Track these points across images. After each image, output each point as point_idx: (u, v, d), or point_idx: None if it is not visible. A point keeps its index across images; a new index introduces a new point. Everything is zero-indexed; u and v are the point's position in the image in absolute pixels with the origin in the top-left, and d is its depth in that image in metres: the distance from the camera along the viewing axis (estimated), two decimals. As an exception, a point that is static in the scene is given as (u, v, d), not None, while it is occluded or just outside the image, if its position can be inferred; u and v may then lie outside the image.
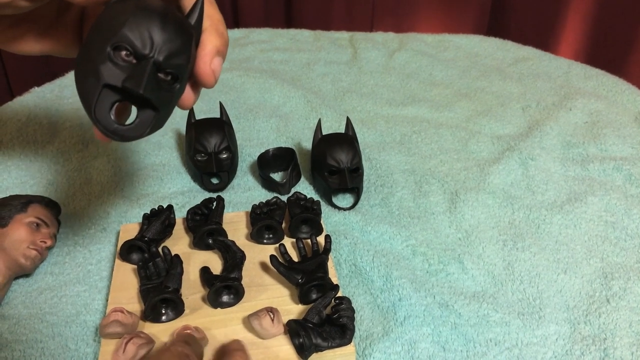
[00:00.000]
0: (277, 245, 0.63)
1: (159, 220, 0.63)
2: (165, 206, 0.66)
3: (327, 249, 0.60)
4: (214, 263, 0.61)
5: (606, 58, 1.52)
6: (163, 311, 0.55)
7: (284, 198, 0.72)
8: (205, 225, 0.62)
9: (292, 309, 0.56)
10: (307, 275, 0.56)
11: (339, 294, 0.56)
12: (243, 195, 0.74)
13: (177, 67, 0.37)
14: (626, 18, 1.50)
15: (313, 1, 1.58)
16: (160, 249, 0.61)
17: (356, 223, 0.68)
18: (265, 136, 0.87)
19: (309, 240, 0.62)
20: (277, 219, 0.64)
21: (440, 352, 0.54)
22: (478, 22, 1.62)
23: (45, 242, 0.61)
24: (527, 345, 0.54)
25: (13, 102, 0.93)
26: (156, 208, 0.66)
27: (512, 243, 0.66)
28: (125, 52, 0.36)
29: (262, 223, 0.63)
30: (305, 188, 0.76)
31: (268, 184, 0.75)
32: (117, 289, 0.58)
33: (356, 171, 0.72)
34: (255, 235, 0.64)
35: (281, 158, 0.78)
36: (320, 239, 0.63)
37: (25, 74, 1.57)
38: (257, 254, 0.62)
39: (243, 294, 0.57)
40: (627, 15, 1.50)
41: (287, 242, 0.64)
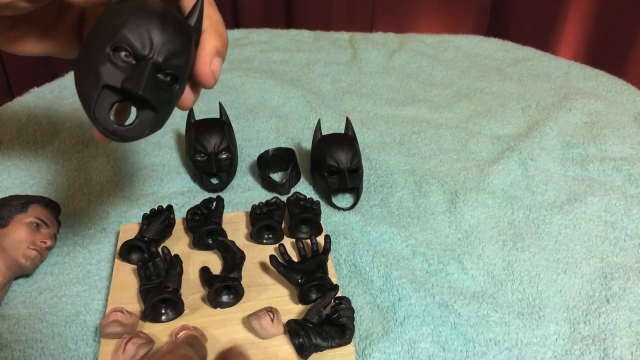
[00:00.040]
0: (277, 245, 0.63)
1: (159, 220, 0.63)
2: (165, 206, 0.66)
3: (327, 249, 0.60)
4: (214, 263, 0.61)
5: (606, 58, 1.52)
6: (163, 311, 0.55)
7: (284, 198, 0.72)
8: (205, 225, 0.62)
9: (292, 309, 0.56)
10: (307, 275, 0.56)
11: (339, 294, 0.56)
12: (243, 195, 0.74)
13: (177, 68, 0.37)
14: (626, 18, 1.50)
15: (313, 1, 1.58)
16: (160, 249, 0.61)
17: (356, 223, 0.68)
18: (265, 136, 0.87)
19: (309, 240, 0.62)
20: (277, 219, 0.64)
21: (440, 352, 0.54)
22: (478, 23, 1.62)
23: (45, 242, 0.61)
24: (527, 345, 0.54)
25: (13, 103, 0.93)
26: (156, 208, 0.66)
27: (512, 243, 0.66)
28: (124, 53, 0.36)
29: (262, 223, 0.63)
30: (305, 188, 0.76)
31: (268, 184, 0.75)
32: (117, 289, 0.58)
33: (356, 171, 0.72)
34: (255, 235, 0.64)
35: (281, 158, 0.78)
36: (319, 239, 0.63)
37: (25, 75, 1.57)
38: (257, 254, 0.62)
39: (243, 294, 0.57)
40: (627, 15, 1.50)
41: (287, 242, 0.64)
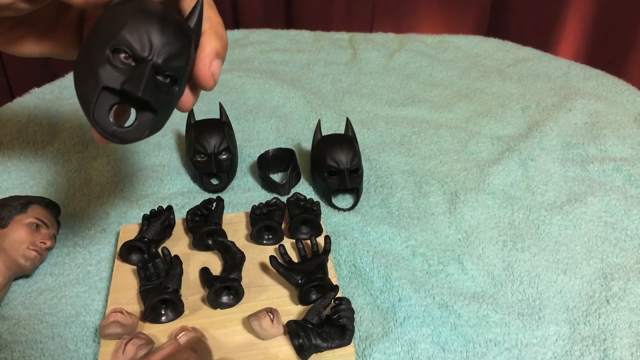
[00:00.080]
0: (277, 246, 0.63)
1: (159, 221, 0.63)
2: (165, 207, 0.66)
3: (327, 250, 0.60)
4: (214, 264, 0.61)
5: (606, 58, 1.52)
6: (163, 312, 0.55)
7: (284, 199, 0.72)
8: (205, 226, 0.62)
9: (292, 310, 0.56)
10: (307, 276, 0.56)
11: (339, 295, 0.56)
12: (243, 196, 0.74)
13: (176, 70, 0.37)
14: (626, 18, 1.50)
15: (313, 2, 1.58)
16: (160, 250, 0.61)
17: (356, 224, 0.68)
18: (265, 137, 0.87)
19: (309, 241, 0.62)
20: (277, 220, 0.64)
21: (439, 353, 0.54)
22: (478, 23, 1.62)
23: (44, 243, 0.61)
24: (527, 345, 0.54)
25: (13, 103, 0.93)
26: (156, 209, 0.66)
27: (512, 244, 0.66)
28: (124, 55, 0.36)
29: (262, 224, 0.63)
30: (305, 189, 0.76)
31: (268, 185, 0.75)
32: (117, 290, 0.58)
33: (356, 172, 0.72)
34: (255, 236, 0.64)
35: (281, 159, 0.78)
36: (319, 240, 0.63)
37: (25, 75, 1.57)
38: (257, 255, 0.62)
39: (243, 295, 0.57)
40: (627, 15, 1.50)
41: (287, 243, 0.64)
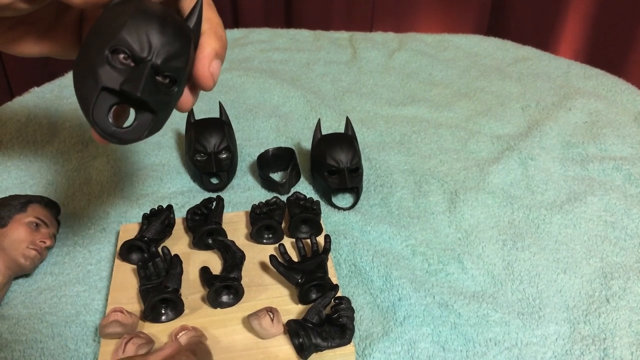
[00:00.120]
0: (277, 245, 0.63)
1: (159, 220, 0.63)
2: (164, 206, 0.66)
3: (327, 249, 0.60)
4: (214, 263, 0.61)
5: (606, 58, 1.52)
6: (163, 311, 0.55)
7: (284, 198, 0.72)
8: (204, 225, 0.62)
9: (292, 309, 0.56)
10: (307, 275, 0.56)
11: (339, 294, 0.56)
12: (243, 195, 0.74)
13: (176, 70, 0.37)
14: (626, 18, 1.50)
15: (313, 1, 1.58)
16: (159, 249, 0.61)
17: (356, 223, 0.68)
18: (264, 136, 0.87)
19: (309, 240, 0.62)
20: (277, 219, 0.64)
21: (440, 352, 0.54)
22: (478, 22, 1.62)
23: (44, 242, 0.61)
24: (527, 345, 0.54)
25: (13, 102, 0.93)
26: (156, 208, 0.66)
27: (512, 243, 0.66)
28: (123, 55, 0.36)
29: (262, 223, 0.63)
30: (304, 188, 0.76)
31: (268, 184, 0.75)
32: (117, 289, 0.58)
33: (356, 171, 0.72)
34: (254, 235, 0.64)
35: (281, 158, 0.78)
36: (319, 239, 0.63)
37: (24, 74, 1.57)
38: (257, 254, 0.62)
39: (243, 294, 0.57)
40: (627, 15, 1.50)
41: (287, 242, 0.64)
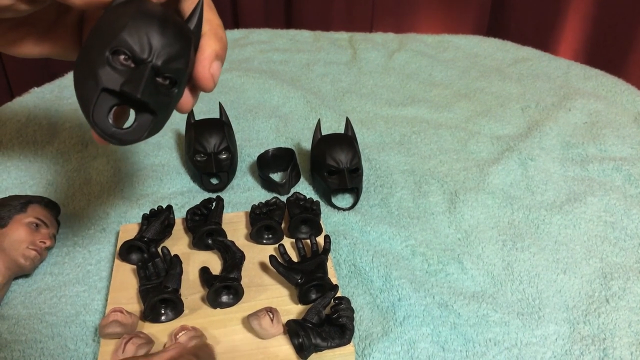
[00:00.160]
0: (277, 245, 0.63)
1: (159, 220, 0.63)
2: (164, 206, 0.66)
3: (327, 249, 0.60)
4: (214, 263, 0.61)
5: (606, 58, 1.52)
6: (162, 311, 0.55)
7: (284, 198, 0.72)
8: (204, 225, 0.62)
9: (292, 309, 0.56)
10: (307, 275, 0.56)
11: (339, 294, 0.56)
12: (242, 195, 0.74)
13: (176, 72, 0.37)
14: (626, 18, 1.50)
15: (313, 1, 1.58)
16: (159, 249, 0.61)
17: (355, 223, 0.68)
18: (264, 136, 0.87)
19: (309, 240, 0.62)
20: (277, 219, 0.64)
21: (439, 352, 0.54)
22: (478, 22, 1.62)
23: (44, 243, 0.61)
24: (527, 345, 0.54)
25: (12, 103, 0.93)
26: (156, 208, 0.66)
27: (512, 243, 0.66)
28: (123, 57, 0.36)
29: (262, 223, 0.63)
30: (304, 188, 0.76)
31: (267, 184, 0.75)
32: (117, 289, 0.58)
33: (355, 171, 0.72)
34: (254, 235, 0.64)
35: (281, 158, 0.78)
36: (319, 239, 0.63)
37: (25, 75, 1.57)
38: (257, 254, 0.62)
39: (242, 294, 0.57)
40: (627, 15, 1.50)
41: (287, 243, 0.64)
